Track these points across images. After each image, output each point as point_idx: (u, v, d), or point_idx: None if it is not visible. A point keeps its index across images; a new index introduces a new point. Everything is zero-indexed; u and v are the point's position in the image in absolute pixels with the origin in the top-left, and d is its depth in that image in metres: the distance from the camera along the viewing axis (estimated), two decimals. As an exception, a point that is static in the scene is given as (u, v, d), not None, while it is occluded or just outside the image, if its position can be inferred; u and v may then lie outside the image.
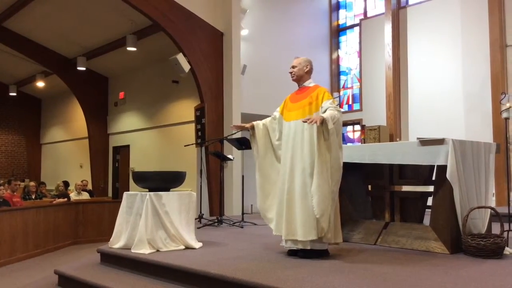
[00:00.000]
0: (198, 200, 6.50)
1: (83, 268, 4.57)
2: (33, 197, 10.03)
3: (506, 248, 3.93)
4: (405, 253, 4.17)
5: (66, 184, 11.76)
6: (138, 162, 13.08)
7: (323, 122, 3.79)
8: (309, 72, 4.24)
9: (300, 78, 4.24)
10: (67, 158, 16.42)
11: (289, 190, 3.98)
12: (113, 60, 13.00)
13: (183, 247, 4.53)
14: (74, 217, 9.04)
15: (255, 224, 6.68)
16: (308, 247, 3.89)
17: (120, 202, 4.78)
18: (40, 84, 15.50)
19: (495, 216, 4.17)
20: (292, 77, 4.28)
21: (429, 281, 3.07)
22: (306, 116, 3.93)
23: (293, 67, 4.25)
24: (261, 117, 4.61)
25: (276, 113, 4.37)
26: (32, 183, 10.70)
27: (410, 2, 11.00)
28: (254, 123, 4.42)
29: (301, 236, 3.85)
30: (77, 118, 15.52)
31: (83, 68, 13.04)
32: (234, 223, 6.60)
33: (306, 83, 4.23)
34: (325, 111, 3.92)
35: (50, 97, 17.34)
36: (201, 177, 7.57)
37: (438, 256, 4.00)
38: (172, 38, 9.40)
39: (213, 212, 9.34)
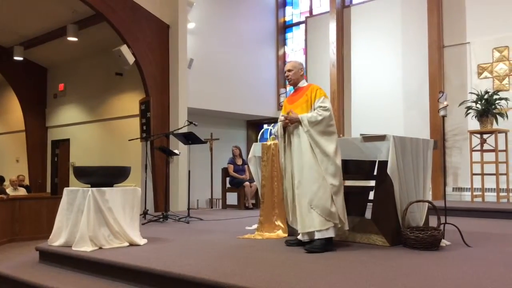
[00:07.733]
0: (143, 195, 6.38)
1: (21, 267, 4.38)
2: (-36, 193, 9.46)
3: (443, 240, 4.12)
4: (347, 245, 4.29)
5: (1, 179, 11.20)
6: (78, 157, 12.66)
7: (299, 121, 4.04)
8: (303, 75, 4.43)
9: (297, 81, 4.40)
10: (2, 152, 15.62)
11: (299, 185, 4.05)
12: (53, 50, 12.48)
13: (127, 244, 4.43)
14: (10, 214, 8.61)
15: (201, 220, 6.65)
16: (326, 236, 3.97)
17: (60, 198, 4.61)
18: (-27, 73, 14.64)
19: (432, 210, 4.36)
20: (289, 81, 4.44)
21: (369, 272, 3.17)
22: (304, 113, 4.12)
23: (289, 70, 4.38)
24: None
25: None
26: (-37, 179, 10.10)
27: (354, 1, 11.26)
28: None
29: (318, 226, 3.94)
30: (13, 110, 14.79)
31: (20, 58, 12.50)
32: (179, 219, 6.54)
33: (300, 84, 4.40)
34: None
35: (-16, 87, 16.43)
36: (146, 172, 7.43)
37: (379, 248, 4.15)
38: (116, 29, 9.14)
39: (158, 207, 9.20)
